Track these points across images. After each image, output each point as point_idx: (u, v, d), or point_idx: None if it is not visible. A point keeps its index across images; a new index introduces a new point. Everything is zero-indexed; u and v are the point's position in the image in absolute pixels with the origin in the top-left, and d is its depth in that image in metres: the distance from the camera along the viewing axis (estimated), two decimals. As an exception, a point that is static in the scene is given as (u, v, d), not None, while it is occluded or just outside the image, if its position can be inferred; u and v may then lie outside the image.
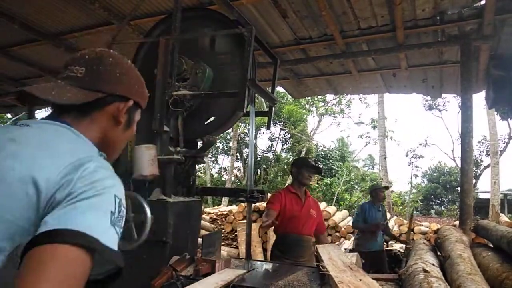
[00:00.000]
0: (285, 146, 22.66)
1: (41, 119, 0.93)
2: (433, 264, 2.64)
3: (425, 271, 2.26)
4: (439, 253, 3.41)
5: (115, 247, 0.72)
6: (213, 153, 22.63)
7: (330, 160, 20.96)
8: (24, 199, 0.72)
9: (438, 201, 28.64)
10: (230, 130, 17.16)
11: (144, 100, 1.03)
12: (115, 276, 0.78)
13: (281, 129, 21.50)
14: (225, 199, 14.68)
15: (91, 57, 0.94)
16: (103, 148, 0.94)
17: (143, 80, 1.04)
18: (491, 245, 3.49)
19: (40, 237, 0.66)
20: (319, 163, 3.93)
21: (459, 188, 4.98)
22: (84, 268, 0.68)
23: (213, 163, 23.34)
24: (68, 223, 0.67)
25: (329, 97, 19.32)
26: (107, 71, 0.93)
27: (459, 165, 4.89)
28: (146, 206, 2.29)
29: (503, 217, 8.61)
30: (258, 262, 2.92)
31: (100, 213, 0.72)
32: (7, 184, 0.72)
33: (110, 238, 0.71)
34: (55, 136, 0.84)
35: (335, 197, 17.87)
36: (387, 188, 5.71)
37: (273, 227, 3.64)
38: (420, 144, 22.06)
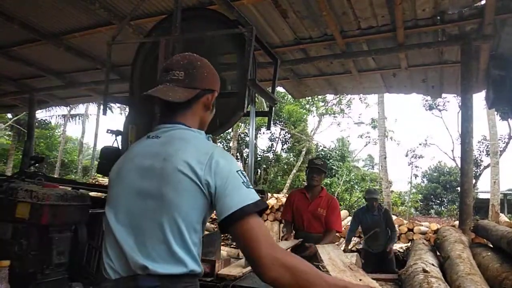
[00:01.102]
0: (285, 146, 22.68)
1: (161, 125, 1.24)
2: (432, 264, 2.64)
3: (425, 271, 2.27)
4: (438, 254, 3.41)
5: (256, 197, 1.08)
6: (213, 153, 22.57)
7: (330, 160, 20.96)
8: (190, 188, 1.08)
9: (438, 201, 28.64)
10: (230, 130, 17.17)
11: (218, 87, 1.33)
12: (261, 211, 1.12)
13: (281, 129, 21.51)
14: (225, 199, 14.64)
15: (185, 62, 1.25)
16: (200, 127, 1.29)
17: (215, 72, 1.32)
18: (491, 245, 3.49)
19: (232, 216, 1.04)
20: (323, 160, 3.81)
21: (459, 188, 4.98)
22: (263, 221, 1.03)
23: (213, 163, 23.30)
24: (242, 202, 1.05)
25: (329, 97, 19.30)
26: (199, 72, 1.25)
27: (459, 165, 4.89)
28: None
29: (503, 217, 8.62)
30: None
31: (243, 188, 1.09)
32: (180, 186, 1.08)
33: (252, 195, 1.08)
34: (184, 137, 1.18)
35: (335, 197, 17.85)
36: (375, 199, 5.49)
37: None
38: (420, 144, 22.06)
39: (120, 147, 3.07)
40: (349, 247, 6.22)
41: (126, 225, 1.11)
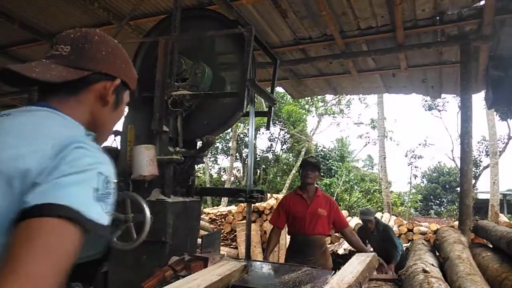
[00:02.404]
0: (284, 146, 22.67)
1: (27, 105, 0.89)
2: (432, 265, 2.64)
3: (425, 271, 2.26)
4: (437, 254, 3.41)
5: (101, 221, 0.70)
6: (213, 153, 22.61)
7: (330, 160, 20.96)
8: (7, 194, 0.69)
9: (438, 202, 28.66)
10: (229, 130, 17.15)
11: (132, 80, 1.01)
12: (105, 256, 0.78)
13: (280, 129, 21.50)
14: (225, 199, 14.67)
15: (76, 35, 0.91)
16: (91, 128, 0.93)
17: (130, 61, 1.02)
18: (491, 246, 3.49)
19: (23, 213, 0.65)
20: (317, 158, 3.83)
21: (458, 189, 4.98)
22: (71, 240, 0.67)
23: (212, 163, 23.33)
24: (50, 197, 0.66)
25: (329, 97, 19.31)
26: (92, 49, 0.90)
27: (459, 166, 4.89)
28: (145, 206, 2.29)
29: (503, 217, 8.61)
30: (258, 263, 2.92)
31: (81, 188, 0.70)
32: None
33: (95, 211, 0.69)
34: (37, 122, 0.80)
35: (335, 198, 17.88)
36: (370, 221, 5.07)
37: (287, 229, 3.84)
38: (420, 145, 22.03)
39: (119, 147, 3.07)
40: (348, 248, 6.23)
41: None
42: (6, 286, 0.58)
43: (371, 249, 4.71)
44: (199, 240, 3.65)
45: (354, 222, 7.76)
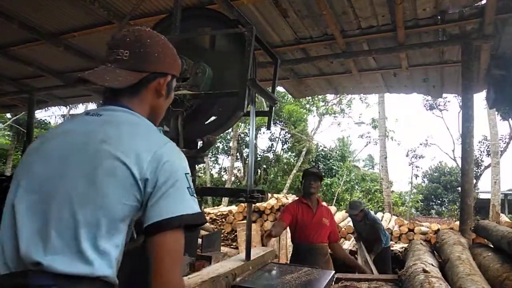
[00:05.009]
0: (285, 146, 22.66)
1: (103, 104, 1.07)
2: (432, 265, 2.64)
3: (425, 271, 2.26)
4: (437, 255, 3.42)
5: (199, 209, 0.96)
6: (213, 153, 22.63)
7: (331, 160, 20.95)
8: (125, 180, 0.91)
9: (439, 201, 28.62)
10: (230, 130, 17.16)
11: (178, 70, 1.17)
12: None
13: (281, 129, 21.50)
14: (225, 199, 14.66)
15: (132, 39, 1.05)
16: (150, 118, 1.10)
17: (175, 52, 1.15)
18: (492, 246, 3.49)
19: (155, 225, 0.90)
20: (318, 163, 4.03)
21: (459, 188, 4.97)
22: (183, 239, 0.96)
23: (213, 163, 23.36)
24: (169, 212, 0.91)
25: (330, 97, 19.30)
26: (147, 52, 1.05)
27: (460, 165, 4.88)
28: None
29: (504, 217, 8.59)
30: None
31: (183, 194, 0.94)
32: (114, 175, 0.90)
33: (195, 205, 0.95)
34: (127, 122, 1.00)
35: (335, 197, 17.87)
36: (355, 214, 5.52)
37: (290, 237, 3.79)
38: (421, 144, 22.04)
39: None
40: (349, 248, 6.27)
41: (31, 209, 0.90)
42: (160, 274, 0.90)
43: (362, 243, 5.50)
44: (200, 240, 3.64)
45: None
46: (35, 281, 0.83)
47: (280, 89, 11.85)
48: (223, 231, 8.18)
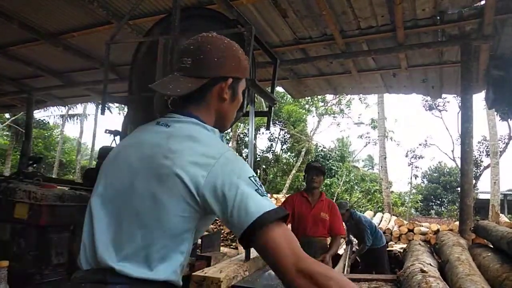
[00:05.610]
0: (284, 146, 22.68)
1: (172, 114, 1.11)
2: (430, 265, 2.64)
3: (423, 271, 2.27)
4: (436, 256, 3.42)
5: (273, 206, 0.95)
6: (213, 153, 22.57)
7: (330, 161, 20.95)
8: (183, 195, 0.95)
9: (438, 202, 28.65)
10: (229, 130, 17.16)
11: (243, 72, 1.17)
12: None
13: (280, 129, 21.52)
14: (225, 199, 14.64)
15: (194, 47, 1.10)
16: (218, 122, 1.15)
17: (239, 54, 1.16)
18: (491, 246, 3.49)
19: (251, 229, 0.91)
20: (321, 163, 4.22)
21: (459, 189, 4.97)
22: (286, 227, 0.98)
23: (212, 163, 23.30)
24: (256, 213, 0.91)
25: (329, 97, 19.33)
26: (207, 58, 1.08)
27: (459, 166, 4.88)
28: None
29: (503, 218, 8.61)
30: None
31: (256, 195, 0.95)
32: (172, 190, 0.95)
33: (269, 203, 0.96)
34: (190, 137, 1.03)
35: (335, 198, 17.88)
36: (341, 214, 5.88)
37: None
38: (420, 145, 22.06)
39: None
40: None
41: (107, 217, 1.02)
42: (283, 264, 0.95)
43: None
44: (199, 241, 3.63)
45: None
46: (113, 280, 0.96)
47: (279, 89, 11.86)
48: (222, 231, 8.18)
